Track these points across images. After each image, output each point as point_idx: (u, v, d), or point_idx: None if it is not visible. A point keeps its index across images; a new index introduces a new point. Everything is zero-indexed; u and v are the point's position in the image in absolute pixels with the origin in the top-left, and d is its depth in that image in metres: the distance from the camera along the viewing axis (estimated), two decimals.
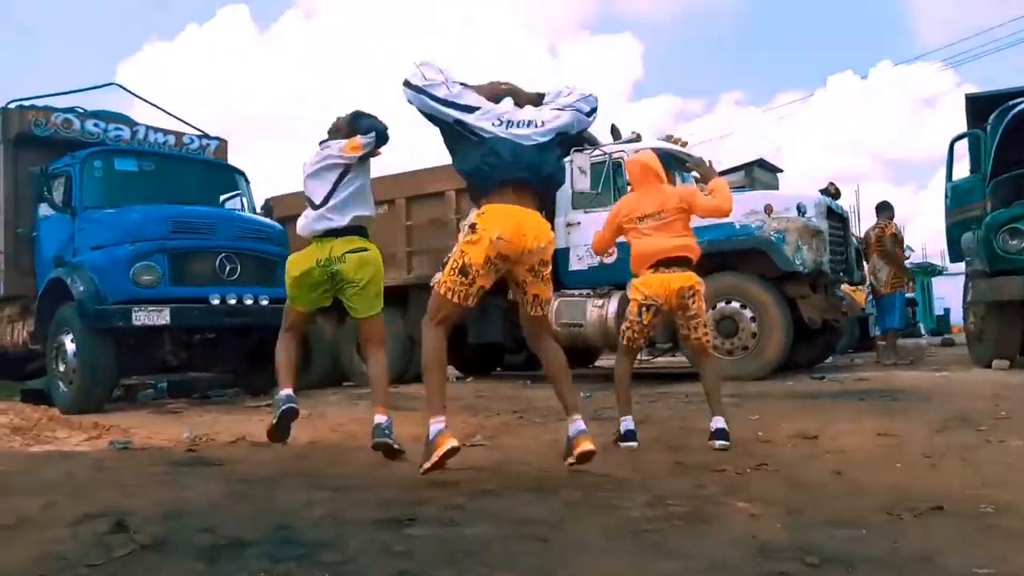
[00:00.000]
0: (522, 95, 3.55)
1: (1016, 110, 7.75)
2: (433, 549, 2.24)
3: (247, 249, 7.33)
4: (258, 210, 8.38)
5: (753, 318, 7.33)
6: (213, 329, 7.40)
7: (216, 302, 6.93)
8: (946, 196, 9.28)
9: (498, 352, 10.24)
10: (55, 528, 2.50)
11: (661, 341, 7.81)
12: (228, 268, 7.11)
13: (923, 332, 18.89)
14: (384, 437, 3.78)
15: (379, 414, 3.87)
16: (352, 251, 3.93)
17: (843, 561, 2.06)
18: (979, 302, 7.57)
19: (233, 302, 7.01)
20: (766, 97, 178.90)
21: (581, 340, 8.04)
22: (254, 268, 7.30)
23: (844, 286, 9.18)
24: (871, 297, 10.11)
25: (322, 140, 4.20)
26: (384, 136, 4.09)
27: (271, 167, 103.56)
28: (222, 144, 9.10)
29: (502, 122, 3.34)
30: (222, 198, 8.49)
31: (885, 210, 9.59)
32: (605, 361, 11.49)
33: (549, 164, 3.42)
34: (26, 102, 8.01)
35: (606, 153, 8.09)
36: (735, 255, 7.54)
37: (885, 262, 9.30)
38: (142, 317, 6.61)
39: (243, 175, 8.72)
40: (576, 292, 8.07)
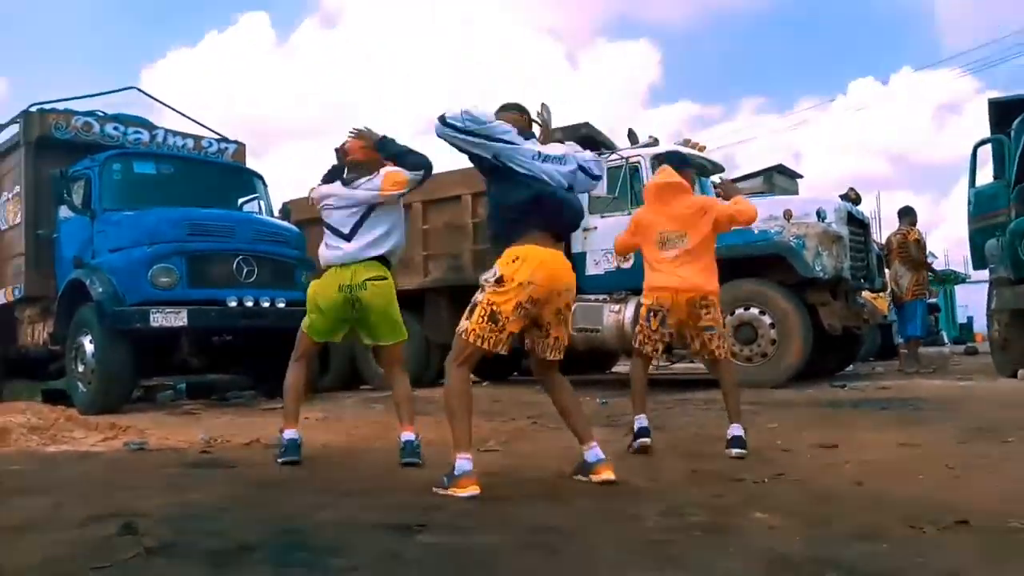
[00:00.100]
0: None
1: None
2: (442, 557, 2.20)
3: (264, 252, 7.38)
4: (276, 213, 8.42)
5: (772, 325, 7.24)
6: (230, 331, 7.42)
7: (233, 304, 6.98)
8: (969, 202, 9.13)
9: (515, 357, 10.19)
10: (62, 529, 2.49)
11: (679, 347, 7.72)
12: (245, 271, 7.15)
13: (946, 340, 18.63)
14: (414, 456, 3.80)
15: (407, 432, 3.88)
16: (372, 279, 3.88)
17: None
18: (1003, 310, 7.44)
19: (250, 304, 7.05)
20: (787, 103, 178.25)
21: (598, 345, 8.00)
22: (271, 271, 7.35)
23: (865, 293, 9.06)
24: (892, 304, 9.97)
25: (347, 179, 3.98)
26: (431, 170, 4.00)
27: (290, 171, 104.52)
28: (240, 148, 9.16)
29: (539, 156, 3.26)
30: (240, 201, 8.54)
31: (907, 215, 9.44)
32: (622, 367, 11.43)
33: (578, 202, 3.42)
34: (47, 106, 8.11)
35: (623, 157, 8.04)
36: (754, 261, 7.46)
37: (907, 268, 9.15)
38: (159, 318, 6.66)
39: (261, 178, 8.78)
40: (593, 297, 8.01)
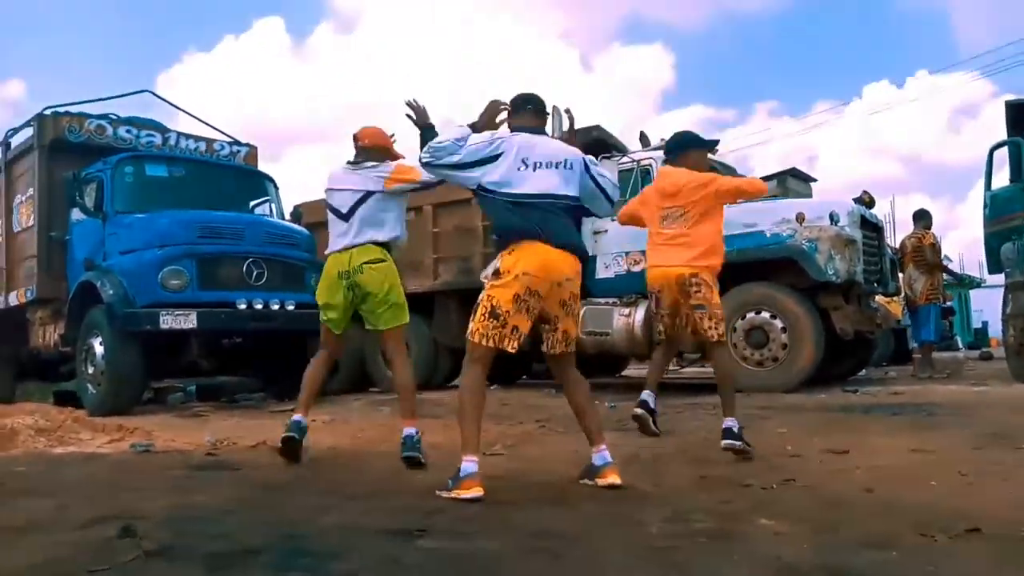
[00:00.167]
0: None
1: None
2: (442, 563, 2.17)
3: (275, 254, 7.38)
4: (287, 216, 8.44)
5: (784, 329, 7.17)
6: (240, 333, 7.44)
7: (243, 307, 6.98)
8: (985, 205, 9.04)
9: (524, 360, 10.17)
10: (63, 531, 2.49)
11: (689, 351, 7.67)
12: (255, 273, 7.16)
13: (960, 345, 18.43)
14: (414, 451, 3.77)
15: (408, 426, 3.85)
16: (369, 262, 3.87)
17: None
18: (1019, 315, 7.36)
19: (260, 307, 7.06)
20: (802, 107, 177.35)
21: (608, 348, 7.95)
22: (281, 273, 7.36)
23: (878, 297, 8.97)
24: (906, 308, 9.86)
25: (356, 161, 4.03)
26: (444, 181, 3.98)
27: (303, 175, 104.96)
28: (252, 151, 9.19)
29: (526, 164, 3.22)
30: (251, 204, 8.56)
31: (922, 219, 9.31)
32: (632, 371, 11.38)
33: (572, 227, 3.35)
34: (61, 109, 8.15)
35: (634, 160, 8.00)
36: (766, 264, 7.38)
37: (921, 272, 9.05)
38: (169, 321, 6.68)
39: (272, 181, 8.79)
40: (603, 300, 7.96)
